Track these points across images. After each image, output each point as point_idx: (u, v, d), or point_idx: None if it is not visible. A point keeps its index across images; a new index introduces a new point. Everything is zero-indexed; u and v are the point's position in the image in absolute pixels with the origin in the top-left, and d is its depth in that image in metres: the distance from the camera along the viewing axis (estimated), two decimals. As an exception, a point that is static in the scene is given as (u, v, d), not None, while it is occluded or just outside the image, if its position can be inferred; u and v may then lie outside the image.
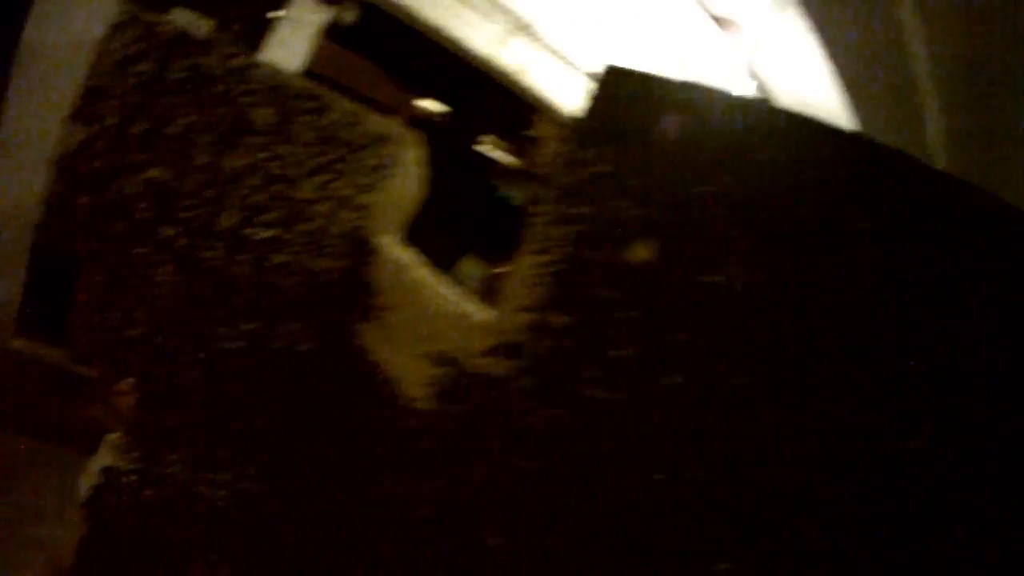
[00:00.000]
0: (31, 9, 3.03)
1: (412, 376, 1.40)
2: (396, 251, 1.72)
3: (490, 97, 4.93)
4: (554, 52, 3.81)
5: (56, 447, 3.05)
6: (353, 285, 1.71)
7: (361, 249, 1.74)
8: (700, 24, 3.98)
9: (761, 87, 4.38)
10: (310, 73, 3.73)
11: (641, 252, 1.01)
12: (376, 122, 1.77)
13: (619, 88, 1.13)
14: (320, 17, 3.56)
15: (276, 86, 1.67)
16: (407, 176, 1.83)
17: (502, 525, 1.12)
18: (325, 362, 1.74)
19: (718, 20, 3.85)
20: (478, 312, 1.33)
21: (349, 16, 3.63)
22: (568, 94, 4.27)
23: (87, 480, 1.83)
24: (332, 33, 3.70)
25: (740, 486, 0.92)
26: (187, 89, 1.61)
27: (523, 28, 3.74)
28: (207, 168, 1.66)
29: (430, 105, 3.30)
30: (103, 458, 1.83)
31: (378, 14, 3.74)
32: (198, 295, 1.73)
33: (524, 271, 1.17)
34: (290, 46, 3.58)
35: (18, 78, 3.11)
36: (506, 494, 1.12)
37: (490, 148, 4.42)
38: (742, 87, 4.66)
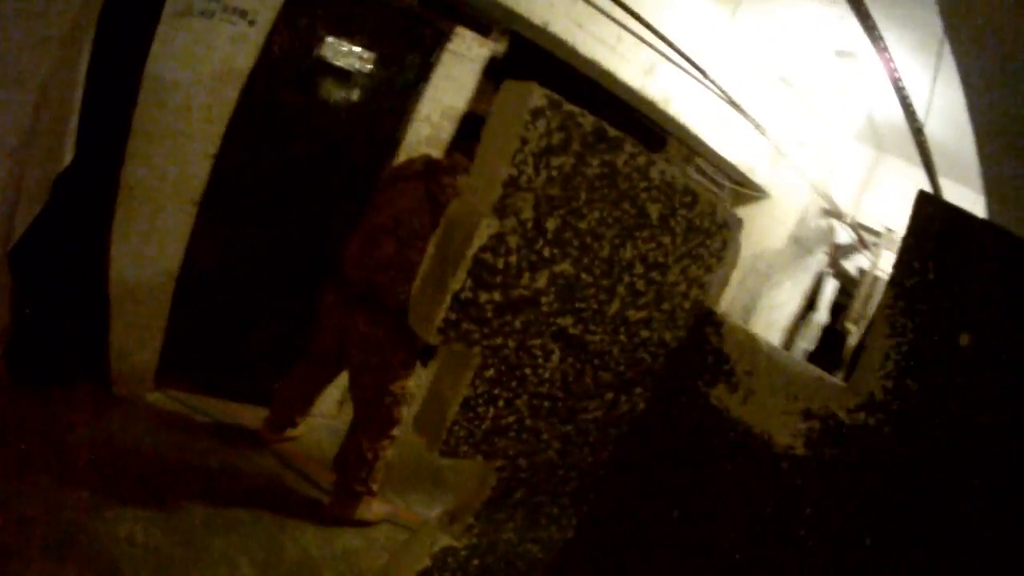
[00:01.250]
0: (154, 41, 2.84)
1: (782, 430, 1.58)
2: (735, 322, 1.83)
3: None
4: (693, 76, 3.82)
5: (232, 510, 2.93)
6: (702, 352, 1.80)
7: (706, 321, 1.83)
8: (821, 52, 4.10)
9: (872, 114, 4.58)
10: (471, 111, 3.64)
11: (964, 340, 1.32)
12: (724, 210, 1.83)
13: (930, 212, 1.42)
14: (484, 52, 3.42)
15: (668, 183, 1.65)
16: (736, 254, 1.92)
17: (876, 535, 1.38)
18: (673, 420, 1.83)
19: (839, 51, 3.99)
20: (832, 378, 1.57)
21: (500, 48, 3.52)
22: (702, 116, 4.31)
23: (413, 562, 1.77)
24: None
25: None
26: (600, 185, 1.54)
27: (667, 55, 3.73)
28: (607, 260, 1.62)
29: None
30: (436, 539, 1.76)
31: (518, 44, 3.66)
32: (574, 376, 1.71)
33: (878, 347, 1.44)
34: (456, 80, 3.44)
35: (143, 116, 2.91)
36: (876, 513, 1.39)
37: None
38: (855, 111, 4.86)
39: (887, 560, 1.35)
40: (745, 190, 5.62)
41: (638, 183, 1.60)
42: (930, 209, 1.41)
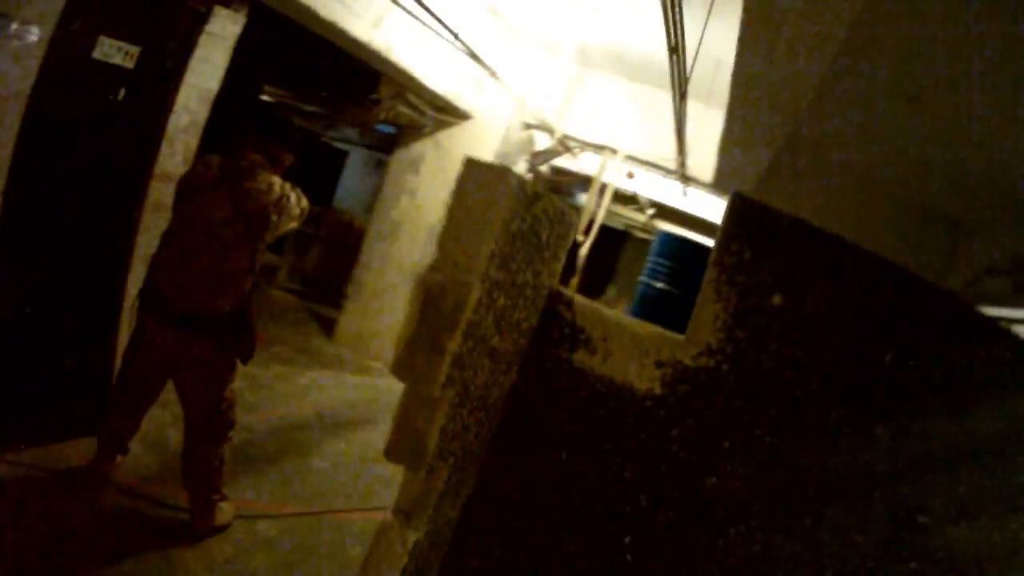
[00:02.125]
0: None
1: (640, 378, 2.04)
2: (582, 298, 2.24)
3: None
4: (419, 20, 3.89)
5: (123, 564, 2.70)
6: (560, 327, 2.17)
7: (558, 301, 2.19)
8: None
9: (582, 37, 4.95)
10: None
11: (776, 300, 1.82)
12: (573, 214, 2.23)
13: (742, 208, 1.86)
14: (236, 29, 3.03)
15: (554, 213, 1.99)
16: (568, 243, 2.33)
17: (731, 440, 1.87)
18: (545, 384, 2.18)
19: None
20: (673, 335, 2.03)
21: (242, 21, 3.17)
22: (416, 56, 4.39)
23: (394, 562, 1.99)
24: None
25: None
26: (527, 233, 1.83)
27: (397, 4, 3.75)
28: (520, 285, 1.94)
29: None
30: (406, 536, 2.00)
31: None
32: (489, 375, 2.04)
33: (708, 310, 1.92)
34: (212, 62, 3.03)
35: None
36: (728, 426, 1.88)
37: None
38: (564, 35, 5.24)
39: (742, 456, 1.88)
40: (448, 117, 5.94)
41: (543, 220, 1.93)
42: (742, 206, 1.85)
